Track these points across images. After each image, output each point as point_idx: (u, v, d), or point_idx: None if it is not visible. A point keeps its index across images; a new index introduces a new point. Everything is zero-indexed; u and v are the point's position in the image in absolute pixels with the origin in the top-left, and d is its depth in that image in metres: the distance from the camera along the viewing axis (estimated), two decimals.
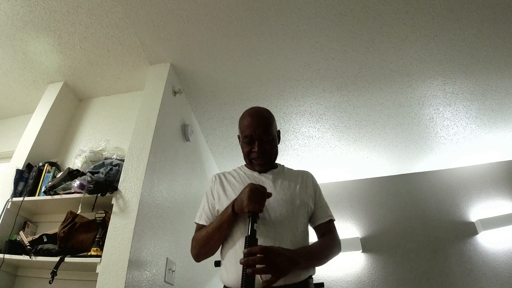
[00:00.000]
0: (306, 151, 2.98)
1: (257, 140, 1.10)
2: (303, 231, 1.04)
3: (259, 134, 1.10)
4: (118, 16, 1.76)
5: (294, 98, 2.37)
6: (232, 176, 1.18)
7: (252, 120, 1.12)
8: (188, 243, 1.98)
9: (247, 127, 1.11)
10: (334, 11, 1.74)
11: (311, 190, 1.14)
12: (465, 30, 1.87)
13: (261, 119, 1.12)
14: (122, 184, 1.55)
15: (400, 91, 2.33)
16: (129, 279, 1.28)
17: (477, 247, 2.86)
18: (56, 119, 2.11)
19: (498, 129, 2.79)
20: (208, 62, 2.05)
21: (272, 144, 1.13)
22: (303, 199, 1.08)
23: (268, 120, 1.14)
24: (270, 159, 1.14)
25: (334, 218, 1.14)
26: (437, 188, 3.27)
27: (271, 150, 1.13)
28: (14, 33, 1.86)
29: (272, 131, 1.13)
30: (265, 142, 1.11)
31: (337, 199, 3.36)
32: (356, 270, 2.95)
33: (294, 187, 1.10)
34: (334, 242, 1.08)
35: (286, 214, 1.02)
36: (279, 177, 1.14)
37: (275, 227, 0.99)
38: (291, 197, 1.06)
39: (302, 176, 1.18)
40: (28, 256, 1.41)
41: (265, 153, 1.11)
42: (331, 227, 1.12)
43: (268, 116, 1.16)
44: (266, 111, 1.18)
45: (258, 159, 1.12)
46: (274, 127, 1.15)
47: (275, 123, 1.18)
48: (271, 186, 1.09)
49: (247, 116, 1.14)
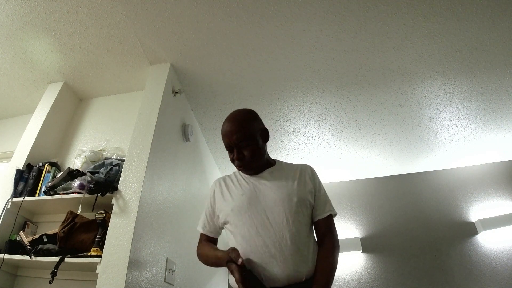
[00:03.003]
0: (306, 151, 2.98)
1: (235, 147, 1.08)
2: (305, 228, 1.03)
3: (235, 141, 1.07)
4: (118, 16, 1.76)
5: (294, 98, 2.37)
6: (231, 180, 1.18)
7: (227, 128, 1.09)
8: (188, 243, 1.99)
9: (224, 136, 1.10)
10: (334, 11, 1.74)
11: (310, 184, 1.11)
12: (465, 30, 1.87)
13: (236, 126, 1.08)
14: (122, 184, 1.55)
15: (400, 91, 2.34)
16: (129, 279, 1.28)
17: (477, 247, 2.86)
18: (56, 119, 2.11)
19: (498, 129, 2.79)
20: (208, 62, 2.05)
21: (251, 148, 1.08)
22: (301, 196, 1.06)
23: (243, 125, 1.08)
24: (252, 164, 1.11)
25: (334, 212, 1.11)
26: (437, 188, 3.27)
27: (251, 155, 1.08)
28: (14, 33, 1.86)
29: (250, 135, 1.08)
30: (243, 148, 1.07)
31: (337, 199, 3.36)
32: (356, 270, 2.95)
33: (291, 184, 1.08)
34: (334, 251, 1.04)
35: (284, 213, 1.01)
36: (275, 176, 1.12)
37: (274, 228, 0.99)
38: (288, 196, 1.04)
39: (300, 170, 1.15)
40: (28, 256, 1.41)
41: (243, 159, 1.08)
42: (330, 224, 1.09)
43: (244, 120, 1.10)
44: (242, 115, 1.13)
45: (240, 167, 1.12)
46: (253, 129, 1.10)
47: (255, 124, 1.12)
48: (267, 186, 1.08)
49: (224, 124, 1.12)
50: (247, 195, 1.08)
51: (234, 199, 1.09)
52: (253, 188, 1.09)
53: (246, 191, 1.09)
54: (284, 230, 0.98)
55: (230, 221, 1.08)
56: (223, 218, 1.11)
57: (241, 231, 1.03)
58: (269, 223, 1.00)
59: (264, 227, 0.99)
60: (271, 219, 1.00)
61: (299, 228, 1.01)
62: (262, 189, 1.08)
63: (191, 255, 1.98)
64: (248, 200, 1.06)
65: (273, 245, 0.96)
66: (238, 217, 1.05)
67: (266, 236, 0.98)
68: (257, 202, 1.05)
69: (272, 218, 1.00)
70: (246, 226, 1.02)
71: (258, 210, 1.03)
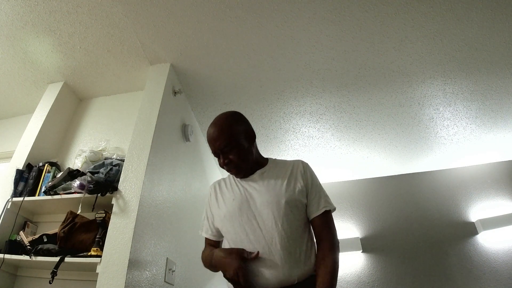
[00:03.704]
0: (306, 151, 2.98)
1: (220, 153, 1.08)
2: (297, 230, 1.01)
3: (219, 147, 1.06)
4: (118, 16, 1.76)
5: (294, 98, 2.37)
6: (225, 183, 1.18)
7: (210, 135, 1.09)
8: (188, 243, 1.99)
9: (209, 142, 1.10)
10: (334, 11, 1.74)
11: (301, 182, 1.07)
12: (465, 30, 1.87)
13: (218, 132, 1.07)
14: (122, 184, 1.55)
15: (400, 91, 2.33)
16: (129, 279, 1.28)
17: (477, 247, 2.86)
18: (56, 119, 2.11)
19: (498, 129, 2.79)
20: (208, 62, 2.05)
21: (236, 152, 1.06)
22: (290, 196, 1.03)
23: (224, 130, 1.07)
24: (240, 168, 1.09)
25: (331, 207, 1.07)
26: (437, 188, 3.27)
27: (238, 158, 1.06)
28: (14, 33, 1.86)
29: (233, 139, 1.06)
30: (229, 153, 1.06)
31: (337, 199, 3.36)
32: (356, 270, 2.95)
33: (280, 184, 1.06)
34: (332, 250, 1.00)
35: (273, 216, 0.99)
36: (265, 177, 1.10)
37: (264, 232, 0.98)
38: (276, 197, 1.02)
39: (292, 168, 1.12)
40: (28, 256, 1.41)
41: (230, 164, 1.08)
42: (326, 221, 1.05)
43: (226, 125, 1.08)
44: (223, 120, 1.11)
45: (229, 171, 1.12)
46: (235, 133, 1.07)
47: (237, 127, 1.09)
48: (256, 190, 1.07)
49: (207, 131, 1.11)
50: (237, 201, 1.07)
51: (226, 204, 1.09)
52: (244, 193, 1.08)
53: (237, 196, 1.08)
54: (274, 234, 0.97)
55: (223, 227, 1.08)
56: (217, 223, 1.12)
57: (232, 237, 1.04)
58: (259, 228, 0.99)
59: (254, 233, 0.99)
60: (260, 224, 1.00)
61: (290, 231, 0.99)
62: (252, 192, 1.07)
63: (191, 255, 1.99)
64: (239, 205, 1.05)
65: (263, 251, 0.96)
66: (230, 223, 1.05)
67: (256, 242, 0.98)
68: (247, 207, 1.04)
69: (262, 223, 1.00)
70: (237, 232, 1.02)
71: (248, 216, 1.02)
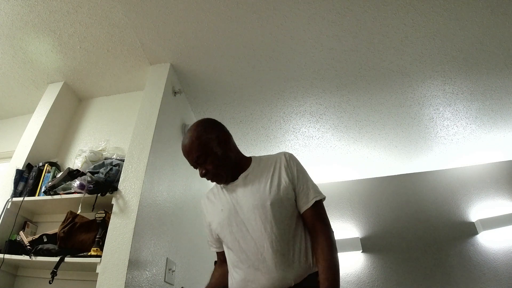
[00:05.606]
0: (306, 151, 2.98)
1: (197, 165, 1.07)
2: (287, 230, 0.98)
3: (193, 160, 1.05)
4: (118, 16, 1.76)
5: (294, 98, 2.37)
6: (213, 193, 1.16)
7: (183, 149, 1.07)
8: (188, 243, 1.99)
9: (184, 156, 1.08)
10: (334, 11, 1.74)
11: (285, 177, 1.03)
12: (465, 30, 1.87)
13: (188, 146, 1.05)
14: (122, 184, 1.55)
15: (400, 91, 2.33)
16: (129, 279, 1.28)
17: (477, 247, 2.86)
18: (56, 119, 2.11)
19: (498, 129, 2.79)
20: (208, 62, 2.05)
21: (211, 160, 1.04)
22: (274, 197, 0.99)
23: (194, 142, 1.04)
24: (219, 175, 1.07)
25: (321, 197, 1.03)
26: (437, 188, 3.27)
27: (214, 167, 1.04)
28: (14, 33, 1.86)
29: (204, 149, 1.03)
30: (204, 163, 1.04)
31: (337, 199, 3.36)
32: (356, 270, 2.95)
33: (264, 185, 1.02)
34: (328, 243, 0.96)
35: (261, 220, 0.97)
36: (249, 180, 1.06)
37: (255, 239, 0.97)
38: (261, 201, 0.99)
39: (275, 164, 1.08)
40: (28, 256, 1.41)
41: (208, 174, 1.06)
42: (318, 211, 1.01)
43: (195, 137, 1.05)
44: (192, 132, 1.07)
45: (211, 181, 1.10)
46: (205, 142, 1.04)
47: (207, 135, 1.05)
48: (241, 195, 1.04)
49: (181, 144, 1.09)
50: (226, 210, 1.05)
51: (216, 214, 1.09)
52: (230, 200, 1.06)
53: (225, 205, 1.07)
54: (264, 239, 0.96)
55: (219, 236, 1.08)
56: (214, 233, 1.11)
57: (228, 246, 1.05)
58: (249, 235, 0.98)
59: (246, 240, 0.98)
60: (250, 230, 0.98)
61: (280, 233, 0.96)
62: (238, 198, 1.05)
63: (191, 255, 1.99)
64: (227, 215, 1.04)
65: (255, 258, 0.96)
66: (223, 233, 1.05)
67: (248, 249, 0.97)
68: (236, 215, 1.02)
69: (251, 229, 0.98)
70: (230, 241, 1.02)
71: (237, 224, 1.01)
